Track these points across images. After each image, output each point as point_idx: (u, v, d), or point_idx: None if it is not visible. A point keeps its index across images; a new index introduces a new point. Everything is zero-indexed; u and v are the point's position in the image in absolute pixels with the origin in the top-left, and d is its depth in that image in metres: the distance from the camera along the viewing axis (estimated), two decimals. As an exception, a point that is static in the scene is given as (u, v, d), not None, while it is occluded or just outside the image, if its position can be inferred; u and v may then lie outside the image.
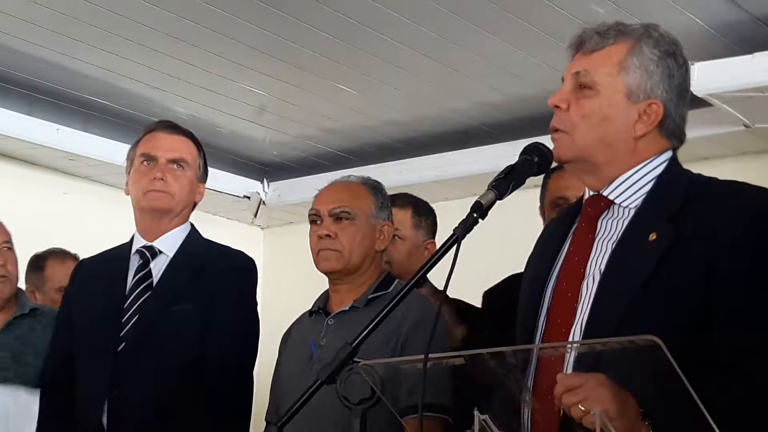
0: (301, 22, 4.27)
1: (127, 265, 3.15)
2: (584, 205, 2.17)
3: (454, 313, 3.33)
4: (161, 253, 3.14)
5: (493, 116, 5.28)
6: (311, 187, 3.22)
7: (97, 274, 3.21)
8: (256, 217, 6.55)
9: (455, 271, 1.85)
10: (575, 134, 2.09)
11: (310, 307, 3.12)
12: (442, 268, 1.93)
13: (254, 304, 3.18)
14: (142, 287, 3.10)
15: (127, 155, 3.24)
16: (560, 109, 2.12)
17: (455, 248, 1.89)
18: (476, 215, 1.94)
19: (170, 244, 3.15)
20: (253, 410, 3.13)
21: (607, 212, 2.12)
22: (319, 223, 3.05)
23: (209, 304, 3.05)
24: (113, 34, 4.38)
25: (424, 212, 3.66)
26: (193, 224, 3.24)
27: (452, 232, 1.93)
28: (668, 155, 2.13)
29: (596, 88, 2.09)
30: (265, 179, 6.35)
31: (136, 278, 3.11)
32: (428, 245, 3.61)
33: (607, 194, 2.11)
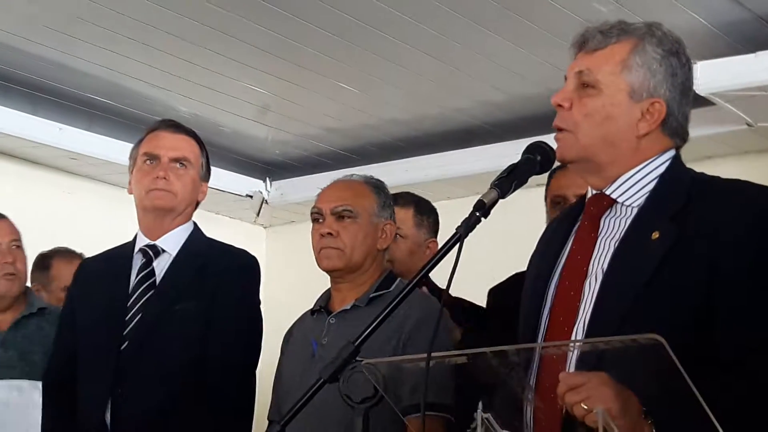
0: (303, 20, 4.27)
1: (130, 264, 3.15)
2: (587, 203, 2.17)
3: (452, 312, 3.32)
4: (164, 251, 3.14)
5: (495, 115, 5.28)
6: (314, 186, 3.21)
7: (100, 273, 3.21)
8: (258, 216, 6.55)
9: (458, 269, 1.85)
10: (578, 133, 2.09)
11: (312, 306, 3.12)
12: (444, 266, 1.93)
13: (257, 302, 3.18)
14: (145, 286, 3.10)
15: (129, 154, 3.24)
16: (563, 108, 2.12)
17: (458, 247, 1.90)
18: (479, 214, 1.94)
19: (173, 242, 3.15)
20: (255, 409, 3.13)
21: (609, 211, 2.12)
22: (321, 221, 3.04)
23: (212, 302, 3.05)
24: (116, 33, 4.38)
25: (425, 211, 3.66)
26: (196, 223, 3.24)
27: (455, 230, 1.93)
28: (671, 154, 2.12)
29: (599, 87, 2.09)
30: (267, 178, 6.35)
31: (139, 277, 3.12)
32: (430, 244, 3.61)
33: (609, 193, 2.11)
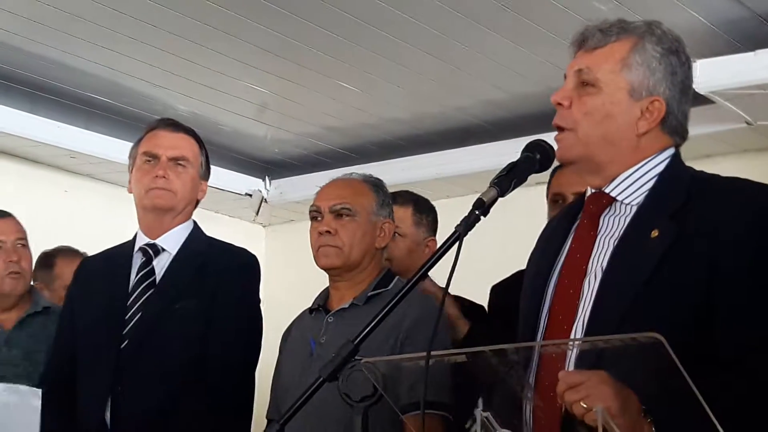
0: (302, 19, 4.27)
1: (129, 262, 3.15)
2: (586, 202, 2.17)
3: (458, 307, 3.31)
4: (164, 250, 3.14)
5: (495, 114, 5.28)
6: (313, 184, 3.21)
7: (99, 272, 3.21)
8: (257, 214, 6.54)
9: (457, 268, 1.85)
10: (579, 131, 2.09)
11: (311, 304, 3.12)
12: (444, 265, 1.93)
13: (257, 301, 3.18)
14: (144, 285, 3.10)
15: (129, 154, 3.24)
16: (563, 106, 2.11)
17: (457, 245, 1.89)
18: (478, 212, 1.94)
19: (173, 241, 3.15)
20: (254, 408, 3.13)
21: (609, 209, 2.11)
22: (319, 219, 3.04)
23: (212, 301, 3.05)
24: (115, 31, 4.38)
25: (424, 209, 3.66)
26: (196, 222, 3.24)
27: (454, 229, 1.93)
28: (670, 152, 2.12)
29: (599, 85, 2.09)
30: (266, 177, 6.34)
31: (138, 276, 3.12)
32: (429, 243, 3.61)
33: (609, 191, 2.11)
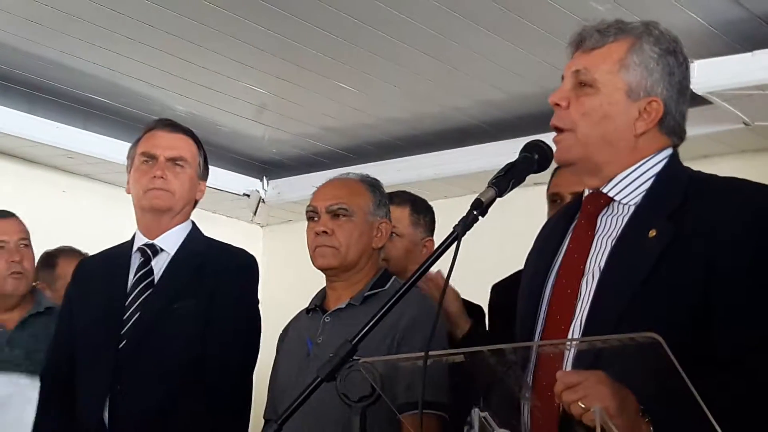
0: (300, 20, 4.27)
1: (128, 263, 3.15)
2: (584, 202, 2.17)
3: (461, 305, 3.30)
4: (162, 251, 3.14)
5: (493, 114, 5.28)
6: (310, 185, 3.21)
7: (98, 272, 3.22)
8: (255, 215, 6.55)
9: (455, 268, 1.85)
10: (577, 132, 2.09)
11: (308, 304, 3.12)
12: (442, 265, 1.93)
13: (255, 301, 3.18)
14: (143, 285, 3.10)
15: (127, 154, 3.24)
16: (560, 107, 2.12)
17: (455, 245, 1.89)
18: (476, 212, 1.94)
19: (171, 242, 3.15)
20: (252, 408, 3.13)
21: (606, 209, 2.12)
22: (316, 219, 3.04)
23: (210, 301, 3.05)
24: (113, 32, 4.38)
25: (422, 210, 3.66)
26: (194, 222, 3.24)
27: (452, 229, 1.93)
28: (668, 152, 2.13)
29: (596, 86, 2.09)
30: (264, 177, 6.34)
31: (137, 276, 3.12)
32: (426, 243, 3.61)
33: (606, 191, 2.11)
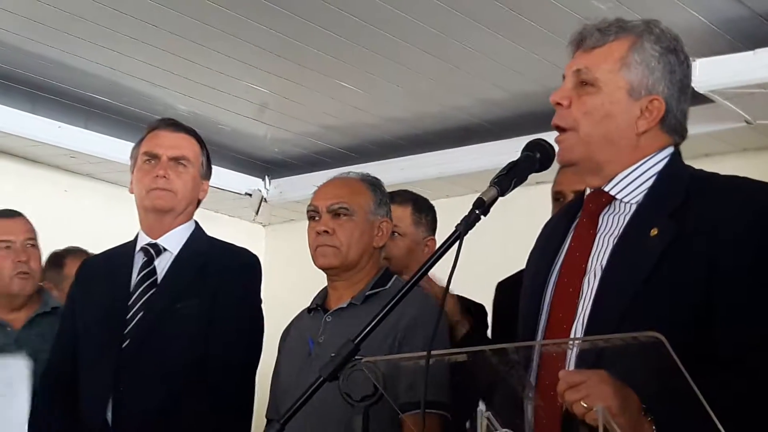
0: (302, 19, 4.27)
1: (131, 262, 3.15)
2: (585, 200, 2.17)
3: (458, 305, 3.31)
4: (165, 250, 3.15)
5: (494, 113, 5.28)
6: (313, 184, 3.21)
7: (101, 271, 3.22)
8: (257, 214, 6.54)
9: (457, 267, 1.85)
10: (579, 131, 2.09)
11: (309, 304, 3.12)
12: (444, 265, 1.93)
13: (258, 301, 3.18)
14: (146, 284, 3.10)
15: (130, 154, 3.25)
16: (562, 106, 2.11)
17: (457, 245, 1.89)
18: (478, 212, 1.94)
19: (174, 241, 3.15)
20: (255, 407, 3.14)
21: (608, 208, 2.11)
22: (317, 219, 3.04)
23: (213, 301, 3.05)
24: (115, 31, 4.38)
25: (424, 209, 3.66)
26: (197, 222, 3.24)
27: (454, 228, 1.93)
28: (669, 151, 2.12)
29: (598, 84, 2.09)
30: (266, 176, 6.34)
31: (140, 275, 3.12)
32: (428, 242, 3.61)
33: (608, 190, 2.11)
